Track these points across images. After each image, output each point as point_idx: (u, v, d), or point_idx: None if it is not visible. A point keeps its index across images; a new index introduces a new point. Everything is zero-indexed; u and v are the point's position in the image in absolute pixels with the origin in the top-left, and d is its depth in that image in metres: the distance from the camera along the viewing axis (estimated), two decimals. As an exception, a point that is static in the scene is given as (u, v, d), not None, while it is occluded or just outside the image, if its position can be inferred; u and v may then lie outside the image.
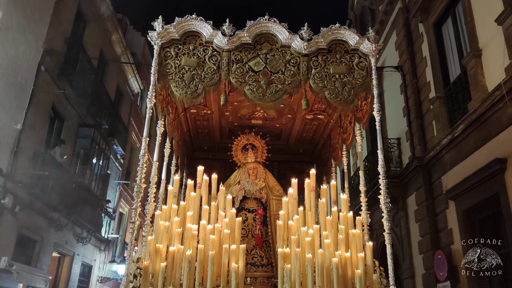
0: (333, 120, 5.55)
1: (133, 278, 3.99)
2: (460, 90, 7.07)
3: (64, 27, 10.23)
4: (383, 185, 3.98)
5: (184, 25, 4.31)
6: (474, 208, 6.55)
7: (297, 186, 4.63)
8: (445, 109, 7.48)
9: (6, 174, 7.90)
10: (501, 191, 5.75)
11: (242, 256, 3.90)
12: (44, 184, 8.94)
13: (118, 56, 14.52)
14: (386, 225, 3.94)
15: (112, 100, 13.78)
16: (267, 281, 4.78)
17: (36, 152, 9.01)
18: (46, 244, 9.78)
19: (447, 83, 7.68)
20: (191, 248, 3.85)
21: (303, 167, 6.28)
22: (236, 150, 5.77)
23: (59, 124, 10.45)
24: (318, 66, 4.28)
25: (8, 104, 7.97)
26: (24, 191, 8.50)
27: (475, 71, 6.41)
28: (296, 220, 4.20)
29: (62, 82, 9.90)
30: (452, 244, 7.14)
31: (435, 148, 7.60)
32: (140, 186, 3.91)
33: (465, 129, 6.59)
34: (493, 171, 5.85)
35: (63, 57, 9.99)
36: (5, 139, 7.92)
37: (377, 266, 4.22)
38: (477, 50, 6.44)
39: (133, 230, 3.89)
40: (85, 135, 11.33)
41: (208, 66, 4.24)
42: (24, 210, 8.61)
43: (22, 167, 8.45)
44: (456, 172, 7.03)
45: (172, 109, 5.08)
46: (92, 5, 11.87)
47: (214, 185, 4.63)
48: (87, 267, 12.83)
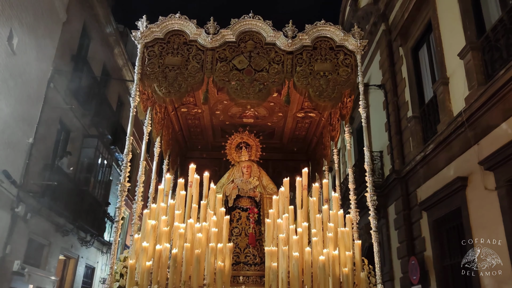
0: (325, 118, 5.52)
1: (120, 277, 3.94)
2: (432, 112, 7.82)
3: (70, 45, 10.94)
4: (370, 182, 4.03)
5: (167, 24, 4.34)
6: (442, 219, 7.29)
7: (291, 185, 4.54)
8: (420, 128, 8.23)
9: (20, 185, 8.62)
10: (463, 205, 6.50)
11: (229, 255, 3.86)
12: (52, 192, 9.65)
13: (120, 68, 15.23)
14: (373, 223, 3.95)
15: (114, 110, 14.51)
16: (259, 280, 4.74)
17: (45, 163, 9.72)
18: (53, 248, 10.50)
19: (422, 103, 8.42)
20: (177, 247, 3.77)
21: (298, 166, 6.17)
22: (230, 149, 5.73)
23: (66, 135, 11.17)
24: (303, 64, 4.25)
25: (22, 120, 8.68)
26: (34, 200, 9.21)
27: (443, 96, 7.16)
28: (286, 219, 4.11)
29: (69, 97, 10.62)
30: (425, 251, 7.88)
31: (411, 163, 8.34)
32: (124, 185, 3.92)
33: (435, 148, 7.33)
34: (456, 188, 6.59)
35: (70, 74, 10.70)
36: (19, 153, 8.64)
37: (366, 264, 4.20)
38: (445, 78, 7.18)
39: (117, 229, 3.90)
40: (90, 145, 12.05)
41: (191, 65, 4.22)
42: (34, 217, 9.33)
43: (33, 177, 9.17)
44: (428, 186, 7.77)
45: (160, 108, 5.08)
46: (96, 22, 12.58)
47: (206, 184, 4.47)
48: (90, 269, 13.56)
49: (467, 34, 6.53)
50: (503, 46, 5.65)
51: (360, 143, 10.15)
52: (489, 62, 6.02)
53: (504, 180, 5.48)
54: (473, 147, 6.21)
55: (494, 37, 5.89)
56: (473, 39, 6.37)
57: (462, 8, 6.76)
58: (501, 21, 5.72)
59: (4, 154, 7.99)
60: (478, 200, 6.11)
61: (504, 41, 5.62)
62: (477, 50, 6.22)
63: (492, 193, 5.74)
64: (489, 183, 5.81)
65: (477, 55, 6.21)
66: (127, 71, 15.80)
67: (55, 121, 10.26)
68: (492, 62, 5.95)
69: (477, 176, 6.12)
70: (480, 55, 6.19)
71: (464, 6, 6.71)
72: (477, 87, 6.06)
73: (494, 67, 5.85)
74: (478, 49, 6.22)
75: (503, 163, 5.50)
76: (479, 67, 6.16)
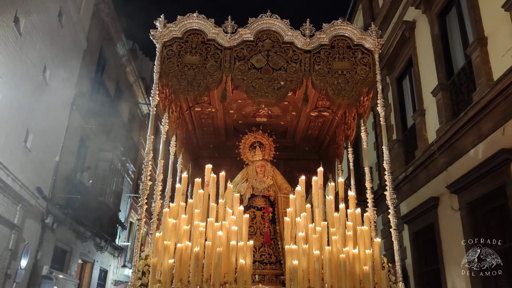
0: (338, 117, 5.55)
1: (142, 275, 3.99)
2: (412, 138, 8.92)
3: (89, 69, 12.07)
4: (389, 181, 4.14)
5: (185, 23, 4.34)
6: (420, 231, 8.39)
7: (304, 184, 4.54)
8: (402, 151, 9.32)
9: (48, 199, 9.74)
10: (435, 221, 7.60)
11: (250, 253, 3.83)
12: (74, 204, 10.77)
13: (131, 84, 16.36)
14: (393, 221, 3.98)
15: (125, 123, 15.63)
16: (275, 279, 4.78)
17: (68, 178, 10.84)
18: (74, 253, 11.63)
19: (405, 129, 9.53)
20: (199, 245, 3.80)
21: (309, 165, 6.25)
22: (243, 148, 5.74)
23: (85, 151, 12.29)
24: (321, 62, 4.26)
25: (51, 141, 9.79)
26: (60, 211, 10.33)
27: (420, 126, 8.26)
28: (304, 217, 4.10)
29: (88, 116, 11.73)
30: (406, 259, 8.99)
31: (395, 181, 9.45)
32: (146, 184, 3.94)
33: (414, 170, 8.43)
34: (430, 206, 7.69)
35: (89, 95, 11.82)
36: (47, 171, 9.75)
37: (385, 262, 4.23)
38: (422, 110, 8.27)
39: (139, 227, 3.99)
40: (105, 159, 13.19)
41: (210, 64, 4.22)
42: (60, 226, 10.45)
43: (58, 191, 10.29)
44: (409, 202, 8.88)
45: (175, 107, 5.09)
46: (111, 45, 13.70)
47: (222, 183, 4.46)
48: (103, 272, 14.69)
49: (439, 75, 7.63)
50: (465, 90, 6.76)
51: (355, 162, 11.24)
52: (455, 102, 7.13)
53: (465, 203, 6.58)
54: (442, 173, 7.31)
55: (459, 81, 7.00)
56: (443, 80, 7.47)
57: (435, 52, 7.86)
58: (464, 69, 6.84)
59: (38, 173, 9.10)
60: (447, 218, 7.22)
61: (465, 87, 6.73)
62: (446, 90, 7.32)
63: (456, 212, 6.84)
64: (454, 204, 6.91)
65: (446, 94, 7.31)
66: (138, 86, 16.93)
67: (77, 140, 11.38)
68: (457, 102, 7.05)
69: (446, 197, 7.22)
70: (449, 95, 7.29)
71: (437, 50, 7.82)
72: (445, 123, 7.16)
73: (459, 107, 6.95)
74: (447, 90, 7.32)
75: (464, 189, 6.59)
76: (448, 105, 7.25)
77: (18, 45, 7.74)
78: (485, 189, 6.05)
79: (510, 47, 5.58)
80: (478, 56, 6.24)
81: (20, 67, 7.95)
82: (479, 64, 6.23)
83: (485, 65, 6.11)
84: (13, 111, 7.81)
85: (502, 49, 5.79)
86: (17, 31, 7.69)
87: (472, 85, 6.53)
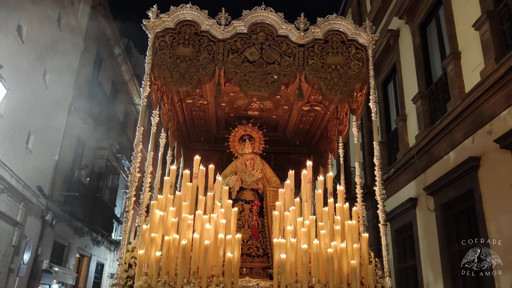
0: (330, 111, 5.54)
1: (128, 267, 3.94)
2: (394, 141, 9.45)
3: (86, 70, 12.41)
4: (378, 176, 4.15)
5: (178, 14, 4.26)
6: (400, 229, 8.94)
7: (294, 178, 4.55)
8: (386, 153, 9.85)
9: (48, 196, 10.16)
10: (413, 220, 8.14)
11: (238, 247, 3.83)
12: (73, 201, 11.19)
13: (126, 82, 16.71)
14: (382, 217, 4.02)
15: (121, 120, 16.01)
16: (262, 272, 4.79)
17: (67, 176, 11.24)
18: (72, 248, 12.07)
19: (389, 131, 10.04)
20: (186, 238, 3.75)
21: (300, 159, 6.25)
22: (233, 141, 5.74)
23: (82, 150, 12.68)
24: (315, 57, 4.22)
25: (50, 141, 10.19)
26: (58, 208, 10.76)
27: (402, 130, 8.78)
28: (292, 211, 4.08)
29: (86, 116, 12.10)
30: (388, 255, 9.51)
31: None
32: (135, 176, 3.89)
33: (395, 172, 8.96)
34: (409, 206, 8.23)
35: (86, 95, 12.18)
36: (47, 169, 10.16)
37: (372, 257, 4.27)
38: (404, 115, 8.78)
39: (126, 219, 3.91)
40: (101, 156, 13.60)
41: (203, 56, 4.15)
42: (59, 223, 10.88)
43: (57, 189, 10.70)
44: (391, 202, 9.40)
45: (167, 99, 5.02)
46: (107, 46, 14.03)
47: (210, 176, 4.43)
48: (100, 265, 15.15)
49: (419, 83, 8.13)
50: (442, 100, 7.26)
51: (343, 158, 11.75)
52: (433, 110, 7.63)
53: (439, 204, 7.11)
54: (420, 176, 7.84)
55: (436, 91, 7.50)
56: (422, 88, 7.96)
57: (416, 61, 8.34)
58: (441, 79, 7.34)
59: (38, 172, 9.51)
60: (424, 218, 7.76)
61: (442, 96, 7.24)
62: (425, 98, 7.82)
63: (432, 213, 7.38)
64: (430, 205, 7.45)
65: (425, 102, 7.81)
66: (133, 84, 17.27)
67: (74, 139, 11.77)
68: (435, 110, 7.56)
69: (423, 199, 7.76)
70: (427, 103, 7.79)
71: (418, 59, 8.30)
72: (424, 129, 7.68)
73: (436, 115, 7.46)
74: (426, 98, 7.82)
75: (439, 191, 7.12)
76: (426, 113, 7.76)
77: (20, 53, 8.12)
78: (456, 193, 6.58)
79: (479, 63, 6.07)
80: (452, 70, 6.73)
81: (23, 73, 8.33)
82: (453, 77, 6.73)
83: (458, 78, 6.61)
84: (16, 115, 8.20)
85: (473, 64, 6.29)
86: (20, 39, 8.06)
87: (447, 95, 7.03)
